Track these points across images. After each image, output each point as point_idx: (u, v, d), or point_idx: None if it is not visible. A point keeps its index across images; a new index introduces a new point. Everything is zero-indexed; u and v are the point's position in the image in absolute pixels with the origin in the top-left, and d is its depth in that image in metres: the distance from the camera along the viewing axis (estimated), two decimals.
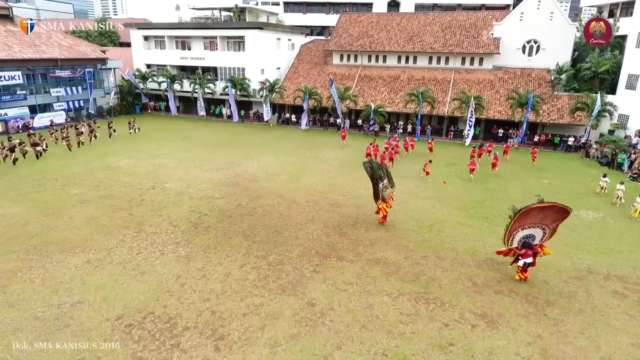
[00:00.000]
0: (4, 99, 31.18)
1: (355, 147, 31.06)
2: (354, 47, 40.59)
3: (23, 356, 9.37)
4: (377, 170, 16.48)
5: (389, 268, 13.61)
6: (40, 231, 15.72)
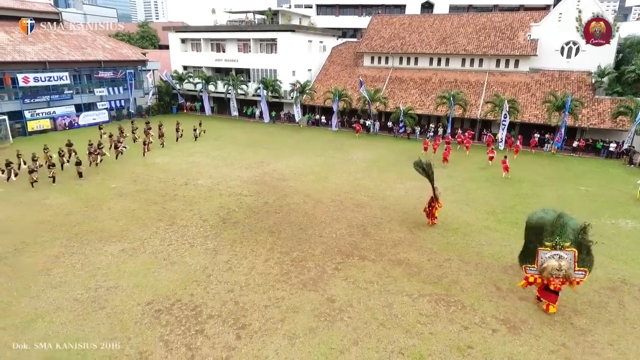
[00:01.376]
0: (53, 98, 33.31)
1: (384, 149, 31.05)
2: (385, 49, 40.50)
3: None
4: (428, 170, 16.52)
5: (411, 269, 13.62)
6: (82, 221, 16.80)
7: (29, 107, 31.99)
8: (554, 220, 11.01)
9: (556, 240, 10.82)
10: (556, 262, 10.76)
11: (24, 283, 12.33)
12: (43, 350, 9.58)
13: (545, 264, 10.89)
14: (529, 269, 11.38)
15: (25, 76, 30.90)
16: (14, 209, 17.95)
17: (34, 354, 9.44)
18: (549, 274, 10.89)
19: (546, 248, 10.92)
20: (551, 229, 10.97)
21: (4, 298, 11.58)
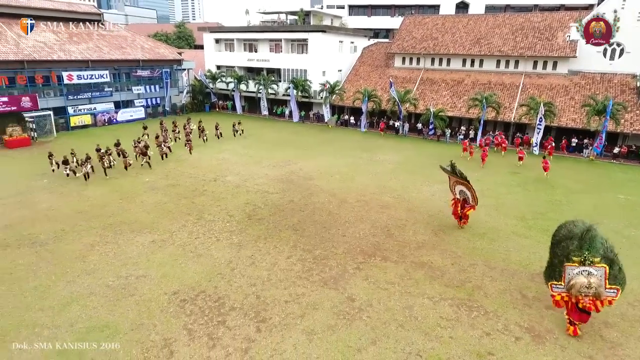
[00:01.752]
0: (94, 94, 35.02)
1: (412, 150, 30.71)
2: (417, 50, 40.00)
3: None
4: (460, 172, 16.13)
5: (434, 272, 13.47)
6: (116, 212, 17.63)
7: (72, 103, 33.77)
8: (582, 233, 10.02)
9: (585, 255, 9.85)
10: (585, 279, 9.81)
11: (62, 268, 13.10)
12: (43, 350, 9.56)
13: (572, 280, 9.96)
14: (556, 286, 10.42)
15: (69, 74, 32.66)
16: (56, 199, 19.05)
17: (33, 354, 9.43)
18: (577, 292, 9.94)
19: (573, 264, 9.95)
20: (579, 243, 10.01)
21: (43, 281, 12.36)
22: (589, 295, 9.93)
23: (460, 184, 16.48)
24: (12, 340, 9.88)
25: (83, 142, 29.94)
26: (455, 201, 16.89)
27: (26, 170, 23.40)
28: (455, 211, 16.99)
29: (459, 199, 16.71)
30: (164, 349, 9.71)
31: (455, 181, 16.72)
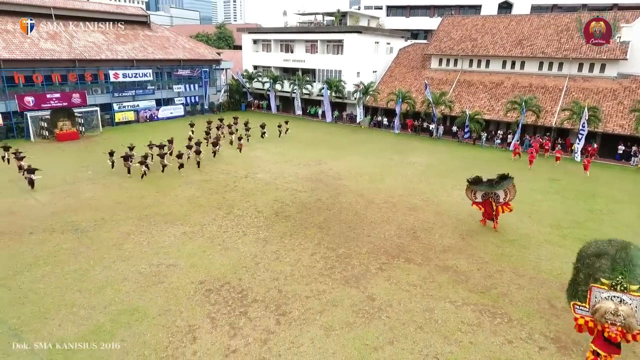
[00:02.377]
0: (137, 92, 36.82)
1: (445, 153, 30.12)
2: (454, 51, 39.16)
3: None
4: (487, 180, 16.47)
5: (458, 276, 13.23)
6: (152, 204, 18.52)
7: (117, 100, 35.68)
8: (617, 252, 8.84)
9: (619, 279, 8.47)
10: (613, 305, 8.42)
11: (99, 254, 13.96)
12: (42, 350, 9.55)
13: (598, 304, 8.60)
14: (579, 308, 9.02)
15: (115, 72, 34.55)
16: (98, 190, 20.26)
17: (33, 354, 9.43)
18: (602, 318, 8.54)
19: (602, 286, 8.62)
20: (612, 264, 8.77)
21: (82, 265, 13.23)
22: (615, 324, 8.49)
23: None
24: (52, 317, 10.69)
25: (126, 137, 31.52)
26: (484, 203, 16.76)
27: (74, 162, 24.97)
28: (488, 213, 16.88)
29: (482, 200, 16.78)
30: (188, 334, 10.17)
31: (476, 188, 16.85)
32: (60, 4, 35.48)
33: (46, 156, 25.84)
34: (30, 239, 14.86)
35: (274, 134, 33.26)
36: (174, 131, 33.51)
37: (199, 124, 33.48)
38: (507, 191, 16.36)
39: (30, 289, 11.89)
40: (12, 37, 30.44)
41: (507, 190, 16.32)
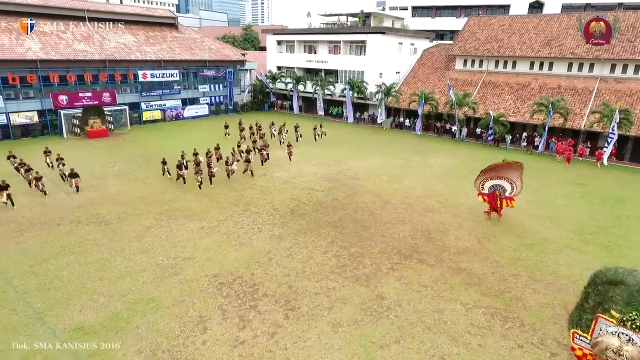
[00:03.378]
0: (164, 92, 37.97)
1: (467, 155, 29.62)
2: (479, 52, 38.43)
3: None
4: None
5: (471, 279, 13.06)
6: (172, 199, 19.12)
7: (145, 99, 36.90)
8: (637, 284, 7.94)
9: (632, 315, 7.48)
10: (617, 342, 7.47)
11: (121, 245, 14.56)
12: (41, 350, 9.56)
13: (601, 338, 7.74)
14: (579, 338, 8.23)
15: (144, 72, 35.76)
16: (123, 185, 21.06)
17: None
18: (602, 354, 7.64)
19: (611, 319, 7.66)
20: (628, 297, 7.90)
21: (104, 256, 13.84)
22: None
23: (495, 179, 17.42)
24: (74, 303, 11.26)
25: (153, 135, 32.69)
26: (489, 195, 17.61)
27: (102, 158, 26.01)
28: (493, 204, 17.58)
29: (488, 192, 17.61)
30: (199, 324, 10.50)
31: (487, 178, 17.56)
32: (93, 7, 37.07)
33: (77, 152, 27.03)
34: (58, 230, 15.65)
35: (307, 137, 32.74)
36: (200, 131, 34.50)
37: (223, 124, 34.13)
38: (514, 184, 17.05)
39: (55, 276, 12.55)
40: (49, 39, 32.04)
41: (513, 183, 17.03)
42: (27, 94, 30.44)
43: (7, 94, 29.18)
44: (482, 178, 17.72)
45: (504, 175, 17.26)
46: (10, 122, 29.43)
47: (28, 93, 30.49)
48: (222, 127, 32.57)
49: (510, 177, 17.22)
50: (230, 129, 32.20)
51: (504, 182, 17.30)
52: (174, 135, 33.20)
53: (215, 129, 34.14)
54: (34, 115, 30.47)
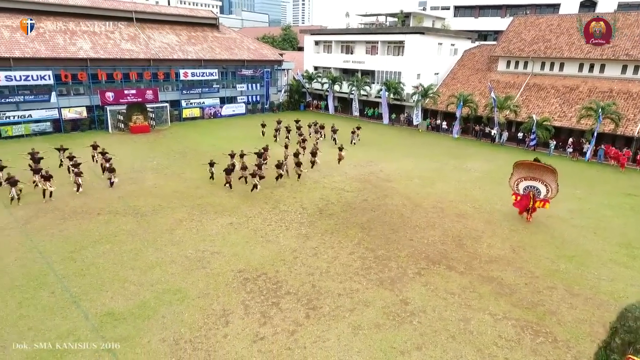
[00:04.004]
0: (203, 90, 39.12)
1: (506, 160, 28.28)
2: (524, 53, 36.78)
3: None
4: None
5: (502, 289, 12.48)
6: (205, 194, 19.63)
7: (185, 97, 38.17)
8: None
9: None
10: None
11: (153, 237, 15.11)
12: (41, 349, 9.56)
13: None
14: None
15: (185, 71, 37.00)
16: (160, 179, 21.86)
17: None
18: None
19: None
20: None
21: (137, 246, 14.41)
22: None
23: (530, 180, 17.34)
24: (106, 289, 11.79)
25: (191, 132, 33.75)
26: (523, 196, 17.44)
27: (143, 153, 27.14)
28: (524, 205, 17.47)
29: (523, 194, 17.44)
30: (222, 318, 10.68)
31: (522, 178, 17.57)
32: (140, 8, 38.81)
33: (120, 146, 28.34)
34: (97, 219, 16.47)
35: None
36: (237, 129, 35.26)
37: (260, 123, 34.67)
38: (549, 187, 17.00)
39: (92, 262, 13.20)
40: (98, 39, 33.86)
41: (548, 185, 17.01)
42: (77, 91, 32.34)
43: (59, 90, 31.11)
44: (517, 177, 17.76)
45: (539, 177, 17.25)
46: (61, 116, 31.35)
47: (78, 90, 32.38)
48: (259, 126, 32.87)
49: (545, 179, 17.20)
50: (266, 128, 32.49)
51: (539, 184, 17.26)
52: (211, 132, 34.12)
53: (251, 127, 34.74)
54: (83, 110, 32.31)
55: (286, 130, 30.86)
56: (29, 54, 29.13)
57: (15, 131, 29.39)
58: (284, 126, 31.45)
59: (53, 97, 30.43)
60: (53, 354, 9.30)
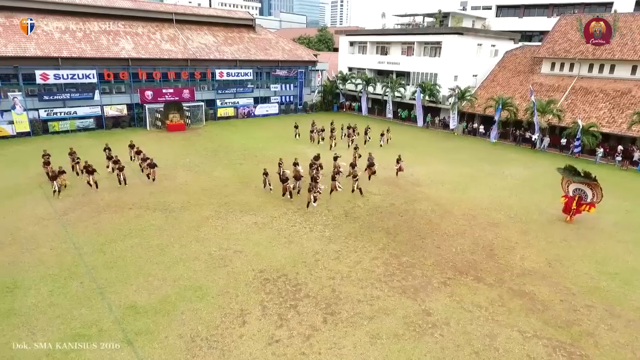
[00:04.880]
0: (238, 90, 39.79)
1: (547, 167, 26.89)
2: (571, 54, 34.79)
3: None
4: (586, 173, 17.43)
5: (534, 305, 11.71)
6: (232, 193, 19.84)
7: (220, 97, 38.98)
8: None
9: None
10: None
11: (180, 233, 15.40)
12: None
13: None
14: None
15: (221, 71, 37.77)
16: (190, 176, 22.35)
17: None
18: None
19: None
20: None
21: (164, 241, 14.72)
22: None
23: (579, 183, 17.66)
24: (131, 283, 12.09)
25: (225, 131, 34.40)
26: (569, 198, 17.84)
27: (177, 150, 27.89)
28: (568, 207, 17.79)
29: (572, 196, 17.82)
30: (239, 317, 10.66)
31: (571, 180, 17.90)
32: (180, 10, 40.06)
33: (156, 143, 29.32)
34: (129, 214, 17.01)
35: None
36: (269, 129, 35.59)
37: (293, 124, 34.77)
38: (595, 192, 17.37)
39: (120, 256, 13.61)
40: (140, 39, 35.20)
41: (594, 191, 17.36)
42: (119, 89, 33.76)
43: (102, 88, 32.58)
44: (568, 178, 18.13)
45: (587, 181, 17.49)
46: (103, 113, 32.83)
47: (120, 88, 33.78)
48: (291, 127, 32.58)
49: (593, 186, 17.48)
50: (300, 129, 32.24)
51: (586, 188, 17.60)
52: (244, 131, 34.61)
53: (283, 128, 34.91)
54: (123, 108, 33.69)
55: (317, 133, 30.81)
56: (75, 54, 30.70)
57: (61, 127, 31.06)
58: (319, 128, 31.32)
59: (96, 95, 31.94)
60: (76, 343, 9.59)
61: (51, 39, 30.92)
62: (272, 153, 27.63)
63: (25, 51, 28.87)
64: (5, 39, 29.04)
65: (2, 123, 28.72)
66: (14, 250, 13.75)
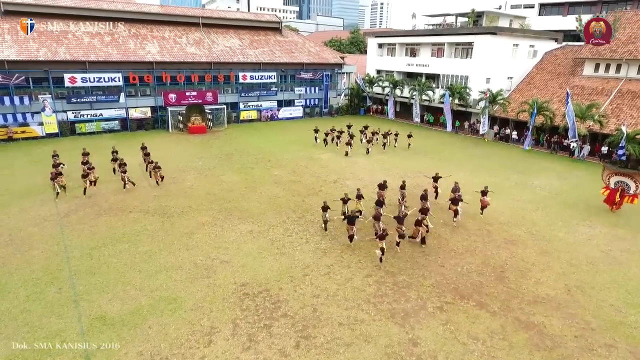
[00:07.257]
0: (261, 93, 39.62)
1: (583, 178, 24.58)
2: (618, 54, 31.77)
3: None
4: None
5: (542, 340, 10.21)
6: (235, 198, 19.35)
7: (243, 99, 38.96)
8: None
9: None
10: None
11: (171, 239, 15.02)
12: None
13: None
14: None
15: (244, 74, 37.75)
16: (198, 180, 22.11)
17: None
18: None
19: None
20: None
21: (153, 247, 14.39)
22: None
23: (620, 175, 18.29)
24: (108, 291, 11.75)
25: (245, 134, 34.26)
26: (611, 190, 18.45)
27: (192, 152, 27.89)
28: (611, 198, 18.48)
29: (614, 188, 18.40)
30: (206, 336, 9.99)
31: (613, 173, 18.52)
32: (207, 14, 40.53)
33: (176, 145, 29.57)
34: (127, 217, 16.90)
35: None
36: (291, 132, 35.07)
37: (313, 128, 34.07)
38: (638, 184, 17.81)
39: (105, 261, 13.38)
40: (166, 43, 35.84)
41: (637, 182, 17.82)
42: (143, 92, 34.44)
43: (128, 91, 33.38)
44: (609, 171, 18.69)
45: (630, 174, 18.08)
46: (128, 116, 33.63)
47: (145, 91, 34.47)
48: (311, 131, 31.74)
49: (635, 177, 17.99)
50: (320, 134, 31.16)
51: (629, 180, 18.12)
52: (264, 135, 34.29)
53: (306, 132, 34.04)
54: (147, 110, 34.37)
55: (336, 136, 29.91)
56: (102, 58, 31.63)
57: (87, 128, 32.09)
58: (336, 133, 30.40)
59: (122, 98, 32.75)
60: (34, 354, 9.28)
61: (81, 43, 32.05)
62: (286, 157, 27.09)
63: (56, 55, 30.04)
64: (38, 43, 30.40)
65: (32, 124, 30.01)
66: (7, 251, 13.89)
